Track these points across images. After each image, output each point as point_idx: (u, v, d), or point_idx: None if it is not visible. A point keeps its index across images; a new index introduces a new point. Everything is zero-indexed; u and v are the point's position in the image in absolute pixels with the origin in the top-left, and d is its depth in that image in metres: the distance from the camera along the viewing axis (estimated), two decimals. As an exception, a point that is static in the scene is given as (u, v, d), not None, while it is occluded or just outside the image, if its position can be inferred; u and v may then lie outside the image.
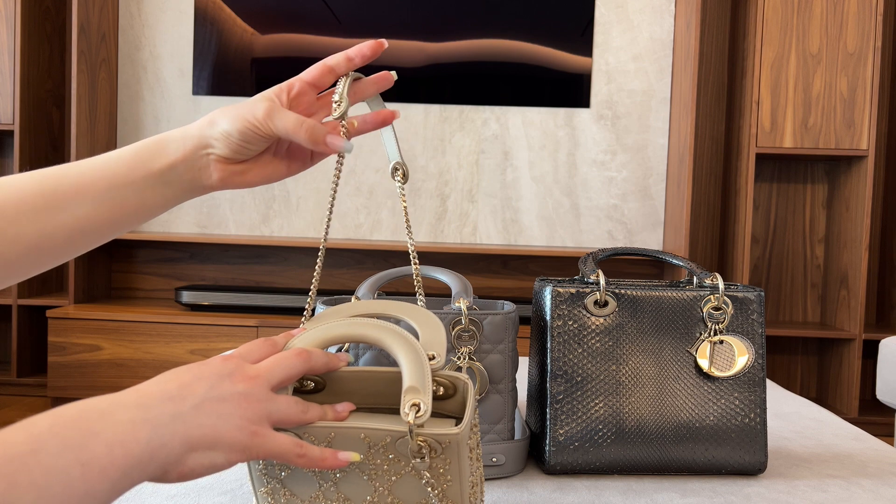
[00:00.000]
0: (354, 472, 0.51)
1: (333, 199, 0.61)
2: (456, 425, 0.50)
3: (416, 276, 0.64)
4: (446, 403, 0.55)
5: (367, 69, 0.65)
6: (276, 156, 0.62)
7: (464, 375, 0.54)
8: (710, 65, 2.90)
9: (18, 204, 0.51)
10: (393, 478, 0.51)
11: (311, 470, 0.51)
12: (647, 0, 2.89)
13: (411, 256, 0.63)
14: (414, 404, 0.49)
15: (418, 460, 0.49)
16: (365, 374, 0.56)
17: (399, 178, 0.65)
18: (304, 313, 0.62)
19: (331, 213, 0.61)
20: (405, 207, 0.64)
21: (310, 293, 0.62)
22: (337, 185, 0.60)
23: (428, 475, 0.49)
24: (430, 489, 0.50)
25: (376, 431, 0.50)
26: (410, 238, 0.64)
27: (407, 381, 0.50)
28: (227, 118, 0.57)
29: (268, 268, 2.98)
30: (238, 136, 0.57)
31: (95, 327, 2.55)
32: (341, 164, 0.61)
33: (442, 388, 0.54)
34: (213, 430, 0.44)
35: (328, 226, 0.61)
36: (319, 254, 0.61)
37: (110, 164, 0.55)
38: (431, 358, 0.53)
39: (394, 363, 0.55)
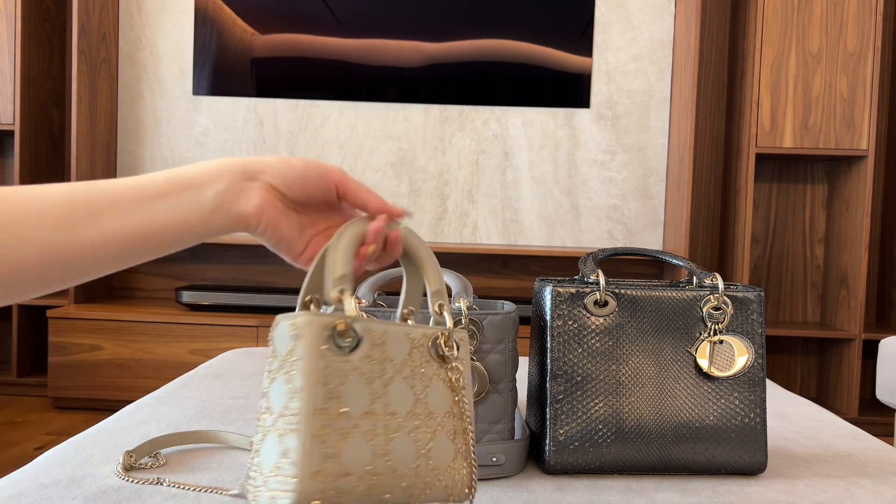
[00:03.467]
0: (398, 378, 0.55)
1: None
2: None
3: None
4: None
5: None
6: (304, 230, 0.59)
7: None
8: (710, 65, 2.90)
9: (43, 211, 0.49)
10: (427, 385, 0.56)
11: (363, 376, 0.54)
12: (647, 0, 2.89)
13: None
14: (440, 305, 0.58)
15: (446, 358, 0.57)
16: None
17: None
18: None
19: None
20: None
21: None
22: None
23: (451, 376, 0.57)
24: (453, 393, 0.57)
25: (418, 330, 0.56)
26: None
27: (433, 285, 0.59)
28: (291, 158, 0.58)
29: (268, 268, 2.99)
30: (302, 169, 0.56)
31: (95, 327, 2.55)
32: None
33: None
34: None
35: None
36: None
37: (147, 178, 0.53)
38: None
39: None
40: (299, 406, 0.48)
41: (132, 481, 0.69)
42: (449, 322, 0.58)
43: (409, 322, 0.60)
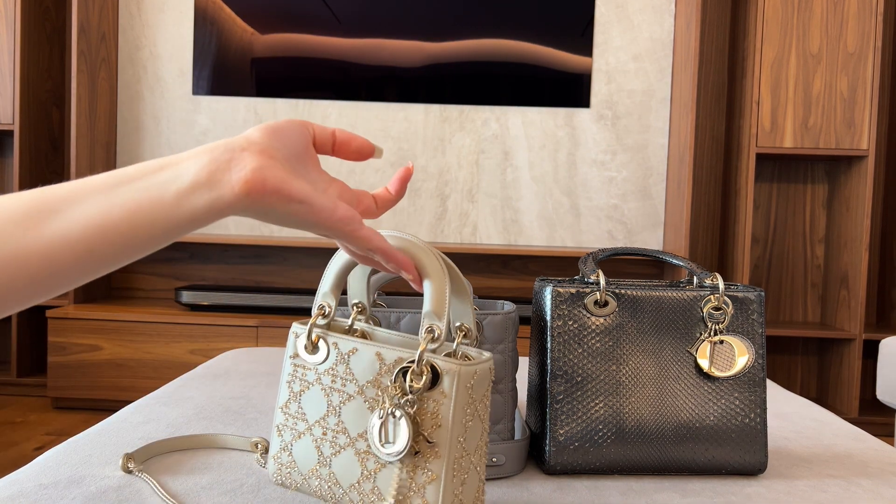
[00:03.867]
0: (359, 398, 0.55)
1: None
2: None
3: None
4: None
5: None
6: (316, 184, 0.52)
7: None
8: (710, 65, 2.90)
9: (5, 216, 0.42)
10: (388, 414, 0.53)
11: (324, 388, 0.57)
12: (647, 0, 2.89)
13: None
14: (429, 329, 0.53)
15: (411, 391, 0.52)
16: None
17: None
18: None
19: None
20: None
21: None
22: None
23: (411, 412, 0.52)
24: (408, 425, 0.52)
25: (391, 352, 0.55)
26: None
27: (428, 305, 0.54)
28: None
29: (268, 268, 2.98)
30: (280, 122, 0.50)
31: (95, 327, 2.55)
32: None
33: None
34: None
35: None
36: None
37: (124, 168, 0.47)
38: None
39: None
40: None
41: (132, 480, 0.69)
42: (421, 348, 0.52)
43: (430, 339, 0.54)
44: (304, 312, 2.65)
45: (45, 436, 2.32)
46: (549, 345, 0.75)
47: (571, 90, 2.90)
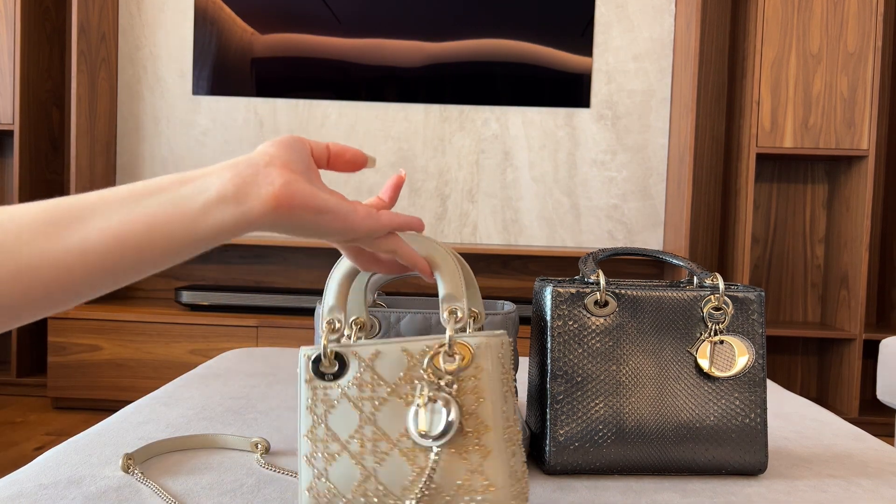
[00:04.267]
0: (393, 398, 0.54)
1: None
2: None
3: None
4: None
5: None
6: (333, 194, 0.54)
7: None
8: (710, 65, 2.90)
9: (22, 225, 0.42)
10: (427, 402, 0.54)
11: (352, 399, 0.55)
12: (647, 0, 2.89)
13: None
14: (451, 311, 0.54)
15: (448, 374, 0.52)
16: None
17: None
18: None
19: None
20: None
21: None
22: None
23: (453, 391, 0.53)
24: (454, 408, 0.52)
25: (415, 344, 0.54)
26: None
27: (444, 290, 0.55)
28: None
29: (268, 268, 2.99)
30: (286, 138, 0.51)
31: (95, 327, 2.55)
32: None
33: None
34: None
35: None
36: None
37: (145, 181, 0.47)
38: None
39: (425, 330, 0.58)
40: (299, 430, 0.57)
41: (132, 481, 0.69)
42: (449, 330, 0.53)
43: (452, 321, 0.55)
44: (305, 312, 2.65)
45: (45, 436, 2.32)
46: (549, 345, 0.75)
47: (571, 90, 2.90)
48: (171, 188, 0.45)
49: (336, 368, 0.56)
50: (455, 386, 0.53)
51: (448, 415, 0.52)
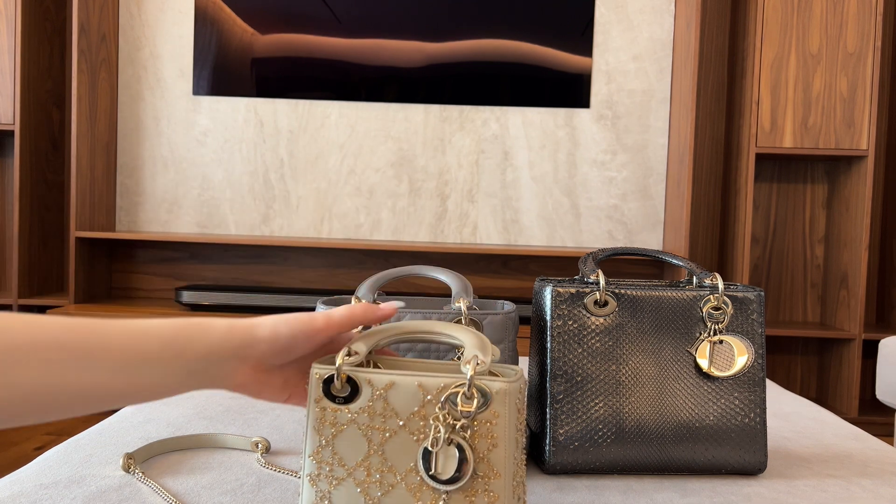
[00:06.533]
0: (404, 431, 0.53)
1: None
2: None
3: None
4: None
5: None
6: (287, 383, 0.61)
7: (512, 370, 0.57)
8: (710, 65, 2.90)
9: (35, 349, 0.48)
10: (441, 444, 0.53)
11: (361, 427, 0.55)
12: (647, 0, 2.89)
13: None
14: (473, 356, 0.53)
15: (465, 416, 0.52)
16: (418, 363, 0.60)
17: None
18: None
19: None
20: None
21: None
22: None
23: (466, 436, 0.52)
24: (468, 454, 0.52)
25: (432, 379, 0.53)
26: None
27: (470, 352, 0.53)
28: (278, 318, 0.58)
29: (268, 268, 2.99)
30: (287, 339, 0.56)
31: (95, 327, 2.55)
32: None
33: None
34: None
35: None
36: None
37: (141, 334, 0.53)
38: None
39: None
40: (304, 449, 0.56)
41: (132, 480, 0.69)
42: (470, 372, 0.52)
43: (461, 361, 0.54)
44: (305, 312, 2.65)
45: (45, 436, 2.32)
46: (548, 345, 0.75)
47: (571, 90, 2.90)
48: (169, 360, 0.53)
49: (347, 393, 0.55)
50: (469, 431, 0.52)
51: (462, 460, 0.51)
